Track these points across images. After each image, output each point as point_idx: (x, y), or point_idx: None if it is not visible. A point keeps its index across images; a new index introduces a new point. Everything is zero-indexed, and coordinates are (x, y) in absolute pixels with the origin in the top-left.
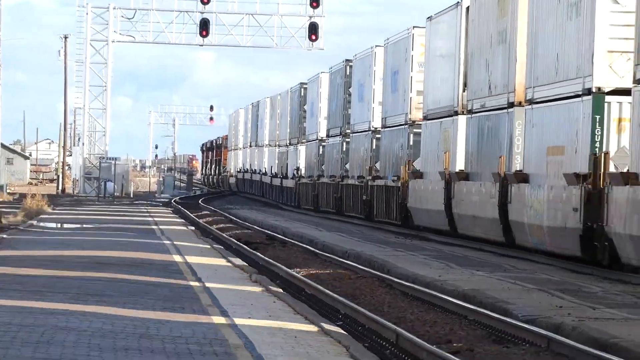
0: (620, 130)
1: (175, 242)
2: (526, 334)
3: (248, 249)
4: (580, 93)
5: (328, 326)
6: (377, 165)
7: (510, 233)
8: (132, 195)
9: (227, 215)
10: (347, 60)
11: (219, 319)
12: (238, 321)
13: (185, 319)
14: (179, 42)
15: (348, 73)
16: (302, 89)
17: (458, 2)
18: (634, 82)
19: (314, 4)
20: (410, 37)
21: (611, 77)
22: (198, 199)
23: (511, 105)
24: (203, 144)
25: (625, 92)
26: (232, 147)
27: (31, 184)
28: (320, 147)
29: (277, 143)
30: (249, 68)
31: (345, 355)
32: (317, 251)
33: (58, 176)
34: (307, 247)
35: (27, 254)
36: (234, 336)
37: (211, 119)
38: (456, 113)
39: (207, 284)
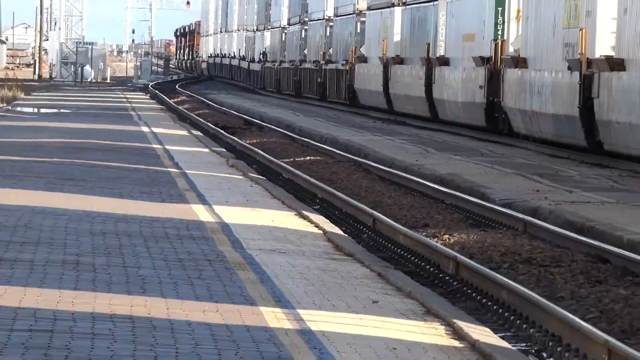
0: (519, 20)
1: (152, 127)
2: (503, 217)
3: (225, 133)
4: None
5: (306, 212)
6: (330, 51)
7: (435, 109)
8: (109, 80)
9: (205, 100)
10: None
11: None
12: (215, 206)
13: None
14: None
15: None
16: None
17: None
18: None
19: None
20: None
21: None
22: (175, 84)
23: None
24: (177, 30)
25: None
26: (204, 34)
27: (8, 68)
28: (283, 34)
29: (245, 28)
30: None
31: (322, 239)
32: (295, 136)
33: (35, 61)
34: (285, 131)
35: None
36: (212, 221)
37: (188, 2)
38: (393, 5)
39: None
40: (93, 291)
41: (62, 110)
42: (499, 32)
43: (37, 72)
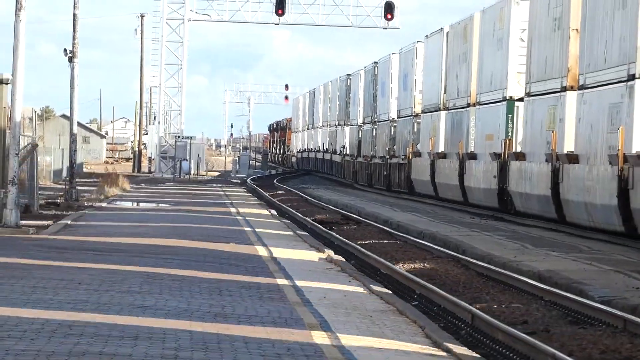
0: (522, 123)
1: (255, 228)
2: (602, 314)
3: (323, 228)
4: (501, 99)
5: (404, 307)
6: (395, 147)
7: (465, 194)
8: (207, 174)
9: (302, 194)
10: (375, 63)
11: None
12: (314, 301)
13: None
14: (254, 21)
15: (375, 73)
16: (348, 80)
17: (442, 27)
18: (524, 95)
19: None
20: (415, 49)
21: (519, 89)
22: (273, 179)
23: (468, 105)
24: (270, 125)
25: None
26: (295, 129)
27: (107, 162)
28: (359, 131)
29: (329, 124)
30: (324, 46)
31: (421, 336)
32: (393, 231)
33: (134, 155)
34: (383, 227)
35: (102, 238)
36: (309, 315)
37: (286, 97)
38: (439, 109)
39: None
40: None
41: (160, 205)
42: (510, 133)
43: (136, 166)
